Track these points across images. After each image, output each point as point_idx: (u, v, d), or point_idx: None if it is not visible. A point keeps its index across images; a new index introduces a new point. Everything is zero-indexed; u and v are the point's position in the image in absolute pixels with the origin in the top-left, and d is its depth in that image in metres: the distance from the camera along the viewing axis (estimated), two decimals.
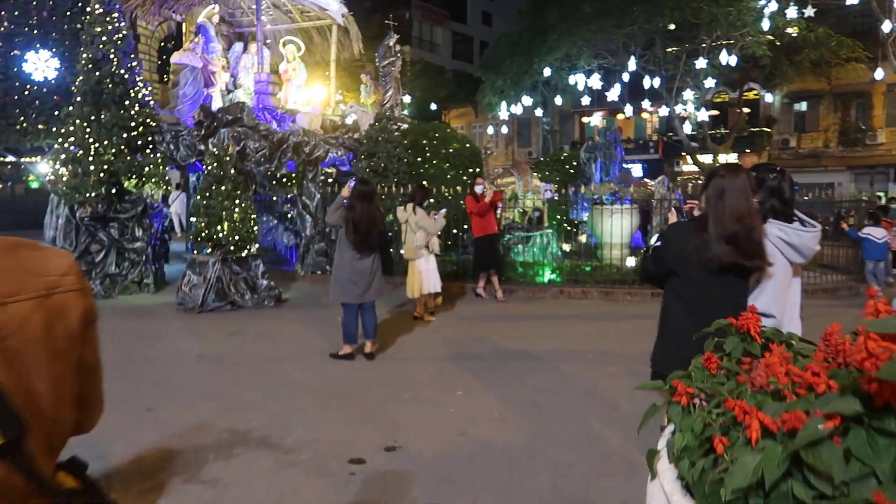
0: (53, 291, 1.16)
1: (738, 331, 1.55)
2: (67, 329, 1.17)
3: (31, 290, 1.13)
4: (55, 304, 1.16)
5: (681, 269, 2.97)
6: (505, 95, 29.02)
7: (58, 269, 1.18)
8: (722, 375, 1.43)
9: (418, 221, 8.34)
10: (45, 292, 1.14)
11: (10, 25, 12.42)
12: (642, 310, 9.16)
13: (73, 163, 9.90)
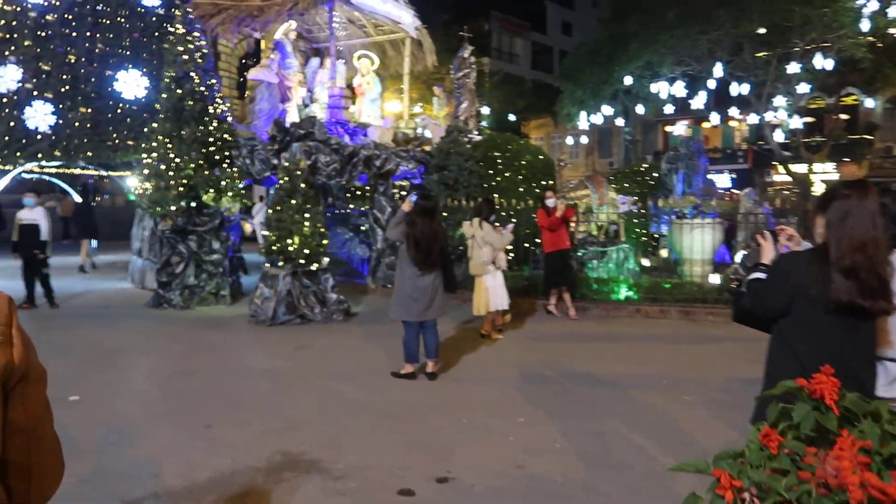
0: None
1: (811, 395, 1.25)
2: None
3: None
4: None
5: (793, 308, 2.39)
6: (584, 105, 28.44)
7: None
8: (784, 457, 1.14)
9: (484, 236, 8.13)
10: None
11: (104, 47, 13.12)
12: (725, 332, 8.58)
13: (155, 177, 10.27)
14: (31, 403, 1.09)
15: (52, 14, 13.29)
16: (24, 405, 1.07)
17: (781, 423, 1.26)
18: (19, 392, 1.06)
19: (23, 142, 12.96)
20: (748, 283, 2.57)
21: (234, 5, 11.59)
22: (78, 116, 12.84)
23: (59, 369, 6.68)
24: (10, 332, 1.05)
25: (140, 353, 7.64)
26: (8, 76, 13.31)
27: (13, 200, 21.96)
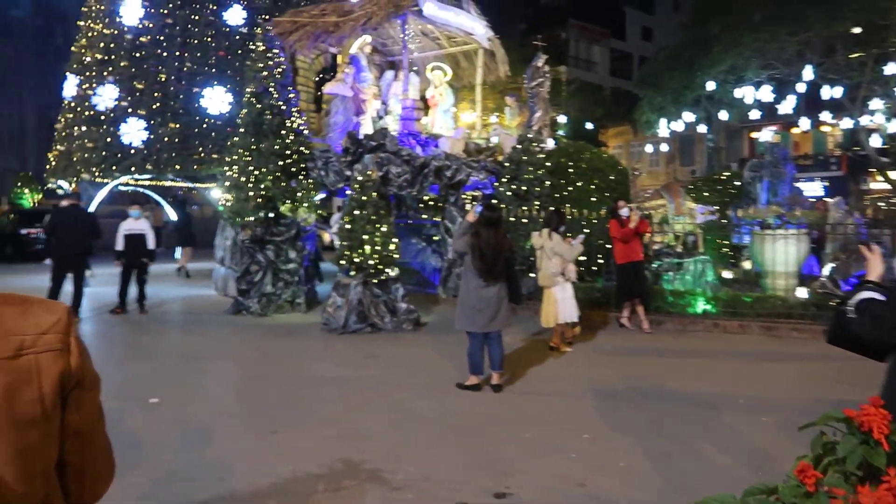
0: (23, 352, 1.06)
1: (859, 428, 1.14)
2: (39, 394, 1.07)
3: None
4: (23, 366, 1.06)
5: None
6: (664, 112, 27.71)
7: (37, 327, 1.09)
8: (823, 496, 1.04)
9: (553, 247, 8.01)
10: (11, 353, 1.05)
11: (192, 65, 13.82)
12: (810, 349, 8.11)
13: (236, 189, 10.70)
14: (85, 408, 1.15)
15: (146, 36, 14.12)
16: (78, 410, 1.14)
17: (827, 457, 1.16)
18: (75, 397, 1.13)
19: (118, 156, 13.81)
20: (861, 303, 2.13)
21: (312, 22, 11.96)
22: (167, 131, 13.56)
23: (143, 372, 7.04)
24: (69, 340, 1.12)
25: (217, 358, 7.94)
26: (106, 95, 14.24)
27: (110, 211, 23.43)
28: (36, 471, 1.08)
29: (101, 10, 14.99)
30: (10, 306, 1.09)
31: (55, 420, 1.11)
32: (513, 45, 26.65)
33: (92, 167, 14.16)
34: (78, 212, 10.23)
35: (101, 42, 14.68)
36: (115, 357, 7.87)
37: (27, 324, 1.09)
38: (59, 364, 1.09)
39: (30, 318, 1.10)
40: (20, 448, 1.05)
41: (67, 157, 14.85)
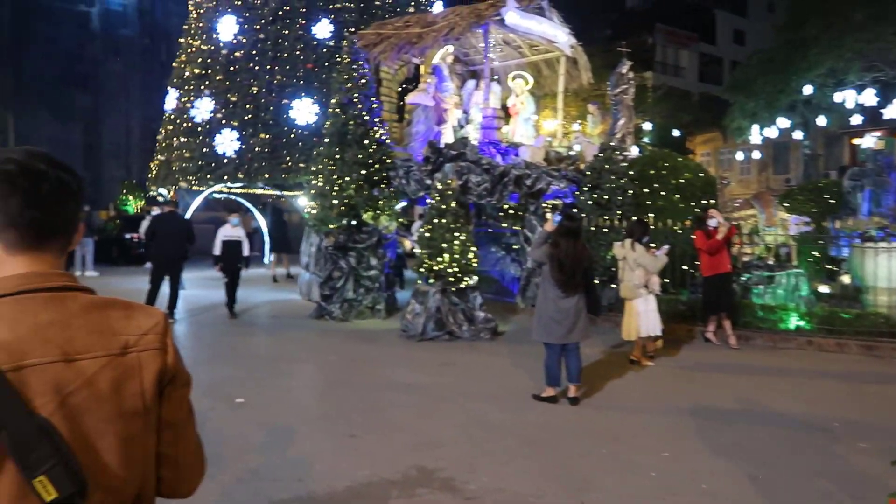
0: (128, 350, 1.19)
1: None
2: (141, 388, 1.19)
3: (104, 348, 1.16)
4: (128, 363, 1.19)
5: None
6: (757, 118, 26.62)
7: (138, 328, 1.22)
8: None
9: (636, 258, 7.82)
10: (118, 351, 1.18)
11: (282, 78, 14.37)
12: None
13: (320, 197, 11.03)
14: (177, 403, 1.28)
15: (240, 51, 14.80)
16: (172, 404, 1.26)
17: None
18: (169, 393, 1.25)
19: (212, 165, 14.51)
20: None
21: (396, 34, 12.19)
22: (258, 142, 14.13)
23: (230, 373, 7.35)
24: (166, 341, 1.25)
25: (300, 361, 8.20)
26: (203, 108, 15.01)
27: (205, 217, 24.63)
28: (136, 458, 1.20)
29: (200, 27, 15.83)
30: (118, 310, 1.22)
31: (153, 413, 1.23)
32: (597, 51, 26.29)
33: (189, 176, 14.95)
34: (175, 218, 10.82)
35: (199, 58, 15.51)
36: (205, 357, 8.26)
37: (131, 326, 1.21)
38: (157, 362, 1.22)
39: (133, 321, 1.22)
40: (124, 437, 1.17)
41: (167, 167, 15.75)
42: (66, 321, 1.15)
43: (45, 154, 1.23)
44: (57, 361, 1.11)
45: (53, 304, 1.15)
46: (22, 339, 1.10)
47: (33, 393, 1.08)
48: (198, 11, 16.22)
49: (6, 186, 1.17)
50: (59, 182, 1.20)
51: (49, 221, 1.21)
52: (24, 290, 1.15)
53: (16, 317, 1.12)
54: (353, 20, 14.26)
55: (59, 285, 1.18)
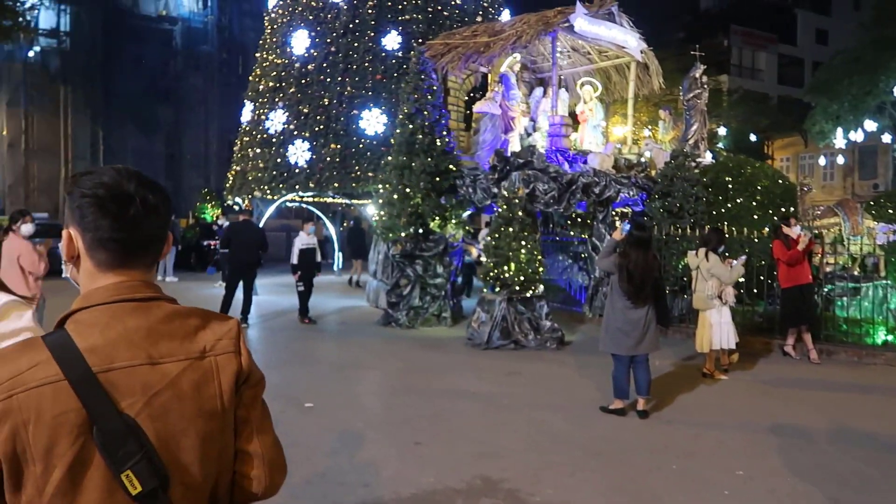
0: (206, 354, 1.27)
1: None
2: (219, 390, 1.27)
3: (185, 352, 1.25)
4: (207, 366, 1.27)
5: None
6: (841, 121, 25.40)
7: (215, 334, 1.30)
8: None
9: (710, 268, 7.57)
10: (197, 355, 1.26)
11: (352, 89, 14.66)
12: None
13: (388, 206, 11.18)
14: (250, 402, 1.34)
15: (312, 64, 15.20)
16: (246, 403, 1.33)
17: None
18: (242, 392, 1.32)
19: (285, 175, 14.92)
20: None
21: (464, 43, 12.26)
22: (329, 152, 14.45)
23: (300, 377, 7.53)
24: (239, 344, 1.33)
25: (367, 367, 8.32)
26: (276, 119, 15.48)
27: (278, 225, 25.34)
28: (213, 456, 1.27)
29: (275, 42, 16.36)
30: (197, 318, 1.31)
31: (230, 413, 1.30)
32: (669, 54, 25.68)
33: (263, 185, 15.42)
34: (250, 227, 11.19)
35: (273, 71, 16.01)
36: (276, 362, 8.49)
37: (208, 332, 1.30)
38: (233, 364, 1.30)
39: (210, 327, 1.31)
40: (203, 436, 1.24)
41: (243, 177, 16.30)
42: (152, 328, 1.24)
43: (134, 173, 1.31)
44: (143, 364, 1.20)
45: (140, 312, 1.25)
46: (111, 344, 1.19)
47: (121, 394, 1.17)
48: (272, 27, 16.76)
49: (97, 210, 1.25)
50: (145, 203, 1.28)
51: (137, 241, 1.29)
52: (115, 300, 1.24)
53: (107, 323, 1.21)
54: (421, 31, 14.42)
55: (145, 296, 1.27)
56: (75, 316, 1.24)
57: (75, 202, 1.27)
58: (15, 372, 1.14)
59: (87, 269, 1.28)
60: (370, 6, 14.86)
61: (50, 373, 1.14)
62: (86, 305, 1.24)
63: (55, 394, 1.13)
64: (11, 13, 20.14)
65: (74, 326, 1.22)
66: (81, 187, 1.27)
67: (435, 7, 15.13)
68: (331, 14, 15.22)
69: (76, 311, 1.24)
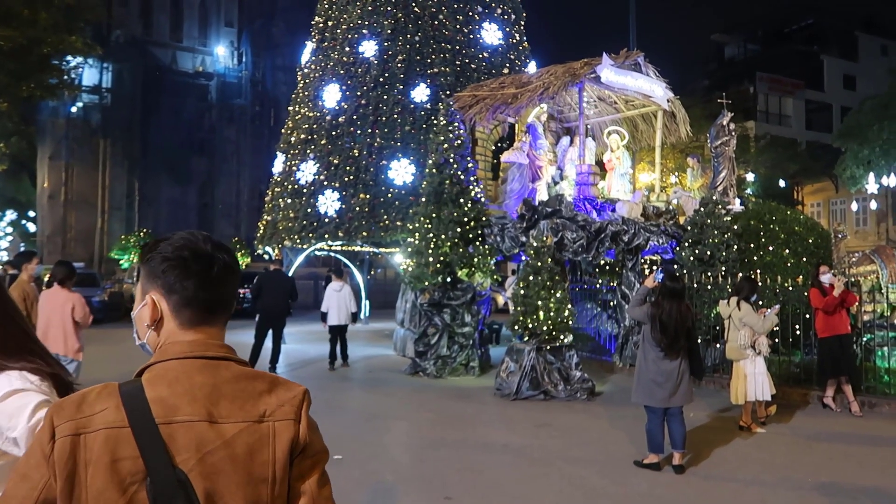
0: (265, 419, 1.27)
1: None
2: (273, 456, 1.26)
3: (244, 414, 1.25)
4: (264, 431, 1.26)
5: None
6: (872, 166, 25.16)
7: (278, 399, 1.30)
8: None
9: (742, 318, 7.44)
10: (256, 418, 1.26)
11: (381, 140, 14.97)
12: None
13: (416, 254, 11.26)
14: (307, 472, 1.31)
15: (342, 116, 15.58)
16: (302, 475, 1.30)
17: None
18: (298, 462, 1.29)
19: (314, 225, 15.16)
20: None
21: (491, 95, 12.50)
22: (358, 202, 14.68)
23: (329, 428, 7.43)
24: (301, 413, 1.31)
25: (396, 418, 8.25)
26: (307, 170, 15.81)
27: (307, 273, 25.57)
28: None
29: (307, 95, 16.84)
30: (263, 382, 1.31)
31: (284, 483, 1.27)
32: (696, 102, 25.88)
33: (293, 235, 15.66)
34: (280, 276, 11.33)
35: (305, 124, 16.44)
36: None
37: (272, 397, 1.30)
38: (290, 432, 1.28)
39: (274, 392, 1.31)
40: (251, 501, 1.23)
41: (273, 226, 16.59)
42: (217, 386, 1.26)
43: (205, 236, 1.38)
44: (202, 421, 1.22)
45: (209, 369, 1.28)
46: (176, 397, 1.23)
47: (178, 448, 1.19)
48: (305, 81, 17.28)
49: (182, 271, 1.31)
50: (224, 264, 1.35)
51: (218, 300, 1.35)
52: (187, 356, 1.28)
53: (176, 377, 1.25)
54: (450, 83, 14.74)
55: (217, 355, 1.30)
56: (152, 367, 1.28)
57: (158, 267, 1.32)
58: (87, 412, 1.20)
59: (170, 329, 1.33)
60: (399, 60, 15.28)
61: (117, 418, 1.19)
62: (162, 359, 1.29)
63: (117, 439, 1.17)
64: (57, 71, 21.07)
65: (148, 377, 1.26)
66: (162, 252, 1.33)
67: (463, 60, 15.50)
68: (361, 68, 15.67)
69: (154, 364, 1.29)
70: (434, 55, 15.30)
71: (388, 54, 15.45)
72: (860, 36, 43.05)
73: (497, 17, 16.55)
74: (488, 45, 16.08)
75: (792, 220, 11.61)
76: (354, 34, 16.09)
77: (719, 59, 48.26)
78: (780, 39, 45.09)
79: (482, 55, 15.85)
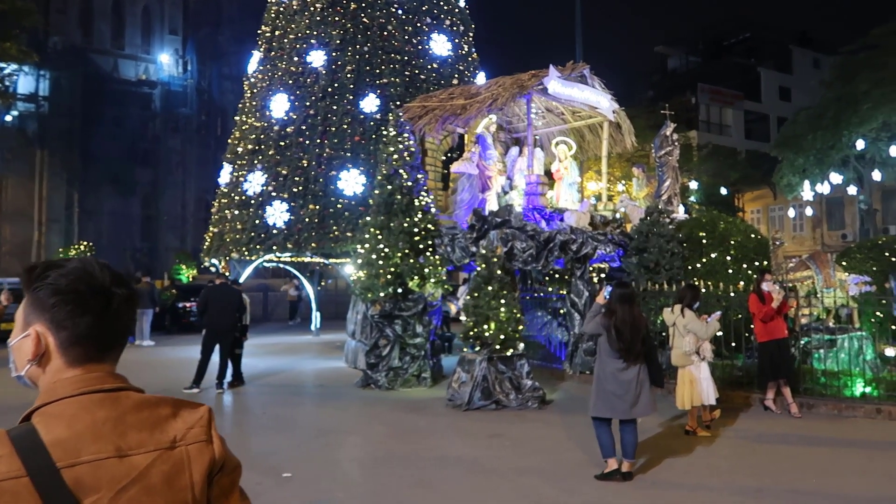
0: (177, 444, 1.23)
1: None
2: (190, 481, 1.23)
3: (154, 443, 1.21)
4: (178, 457, 1.23)
5: None
6: (808, 174, 26.17)
7: (185, 423, 1.26)
8: None
9: (686, 325, 7.62)
10: (168, 445, 1.22)
11: (330, 151, 14.84)
12: None
13: (367, 266, 11.17)
14: (227, 490, 1.30)
15: (291, 126, 15.39)
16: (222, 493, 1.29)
17: None
18: (217, 481, 1.28)
19: (262, 236, 14.91)
20: None
21: (440, 106, 12.53)
22: (307, 212, 14.51)
23: (278, 445, 7.35)
24: (211, 432, 1.29)
25: (347, 432, 8.15)
26: (255, 181, 15.56)
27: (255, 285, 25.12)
28: None
29: (254, 105, 16.58)
30: (166, 407, 1.27)
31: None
32: (640, 112, 26.49)
33: (241, 247, 15.36)
34: (227, 290, 11.08)
35: (252, 134, 16.18)
36: (252, 428, 8.29)
37: (178, 421, 1.26)
38: (205, 454, 1.26)
39: (180, 416, 1.27)
40: None
41: (220, 238, 16.24)
42: (120, 418, 1.20)
43: (104, 266, 1.30)
44: (111, 457, 1.16)
45: (109, 402, 1.21)
46: (77, 437, 1.15)
47: (87, 490, 1.12)
48: (252, 91, 17.02)
49: (76, 307, 1.23)
50: (123, 298, 1.28)
51: (113, 336, 1.28)
52: (82, 392, 1.21)
53: (74, 415, 1.18)
54: (399, 94, 14.74)
55: (114, 386, 1.24)
56: (42, 409, 1.19)
57: (47, 299, 1.22)
58: None
59: (57, 366, 1.24)
60: (349, 70, 15.20)
61: (12, 468, 1.10)
62: (52, 399, 1.20)
63: (15, 491, 1.09)
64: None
65: (40, 419, 1.18)
66: (54, 283, 1.22)
67: (412, 71, 15.52)
68: (310, 78, 15.52)
69: (43, 406, 1.20)
70: (383, 66, 15.27)
71: (337, 64, 15.35)
72: (794, 49, 44.92)
73: (446, 28, 16.63)
74: (437, 57, 16.14)
75: (732, 229, 11.97)
76: (302, 44, 15.95)
77: (663, 70, 49.68)
78: (720, 52, 46.76)
79: (431, 66, 15.90)
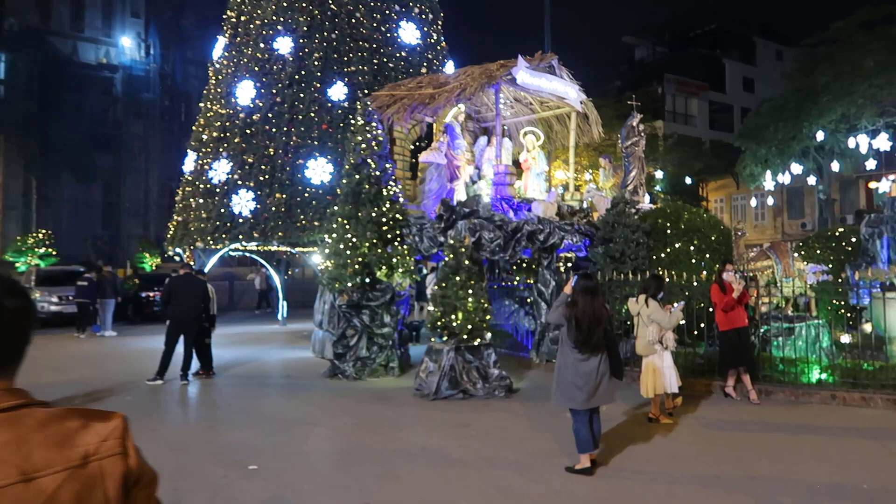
0: (89, 460, 1.17)
1: None
2: (105, 497, 1.18)
3: (64, 461, 1.15)
4: (91, 473, 1.17)
5: None
6: (769, 164, 26.70)
7: (97, 436, 1.20)
8: None
9: (650, 314, 7.75)
10: (79, 462, 1.16)
11: (297, 139, 14.67)
12: None
13: (334, 255, 11.10)
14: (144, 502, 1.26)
15: (257, 114, 15.17)
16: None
17: None
18: (134, 494, 1.24)
19: (228, 225, 14.71)
20: None
21: (409, 95, 12.47)
22: (274, 201, 14.35)
23: (243, 438, 7.29)
24: (126, 444, 1.23)
25: (313, 424, 8.11)
26: (220, 169, 15.32)
27: (220, 274, 24.79)
28: None
29: (219, 92, 16.29)
30: (75, 420, 1.20)
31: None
32: (608, 102, 26.74)
33: (206, 236, 15.13)
34: (191, 280, 10.91)
35: (217, 121, 15.90)
36: (217, 420, 8.21)
37: (89, 434, 1.20)
38: (120, 467, 1.21)
39: (91, 429, 1.21)
40: None
41: (184, 227, 15.98)
42: (23, 438, 1.13)
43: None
44: (16, 483, 1.09)
45: (8, 423, 1.14)
46: None
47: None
48: (217, 77, 16.72)
49: None
50: (14, 311, 1.19)
51: (7, 352, 1.20)
52: None
53: None
54: (367, 82, 14.62)
55: (13, 404, 1.16)
56: None
57: None
58: None
59: None
60: (316, 58, 15.02)
61: None
62: None
63: None
64: None
65: None
66: None
67: (380, 59, 15.40)
68: (277, 65, 15.31)
69: None
70: (351, 53, 15.12)
71: (305, 52, 15.15)
72: (758, 41, 45.69)
73: (414, 16, 16.53)
74: (406, 45, 16.04)
75: (696, 219, 12.17)
76: (269, 30, 15.70)
77: (630, 60, 50.11)
78: (686, 43, 47.33)
79: (400, 54, 15.80)
